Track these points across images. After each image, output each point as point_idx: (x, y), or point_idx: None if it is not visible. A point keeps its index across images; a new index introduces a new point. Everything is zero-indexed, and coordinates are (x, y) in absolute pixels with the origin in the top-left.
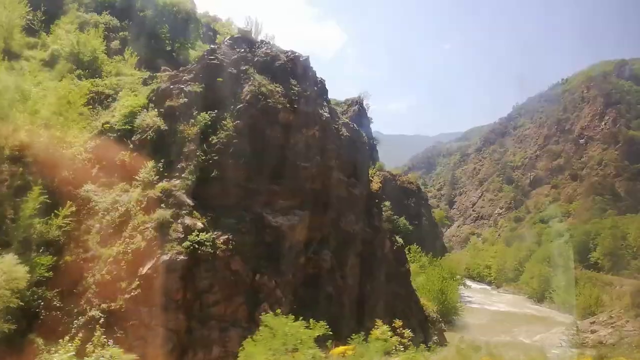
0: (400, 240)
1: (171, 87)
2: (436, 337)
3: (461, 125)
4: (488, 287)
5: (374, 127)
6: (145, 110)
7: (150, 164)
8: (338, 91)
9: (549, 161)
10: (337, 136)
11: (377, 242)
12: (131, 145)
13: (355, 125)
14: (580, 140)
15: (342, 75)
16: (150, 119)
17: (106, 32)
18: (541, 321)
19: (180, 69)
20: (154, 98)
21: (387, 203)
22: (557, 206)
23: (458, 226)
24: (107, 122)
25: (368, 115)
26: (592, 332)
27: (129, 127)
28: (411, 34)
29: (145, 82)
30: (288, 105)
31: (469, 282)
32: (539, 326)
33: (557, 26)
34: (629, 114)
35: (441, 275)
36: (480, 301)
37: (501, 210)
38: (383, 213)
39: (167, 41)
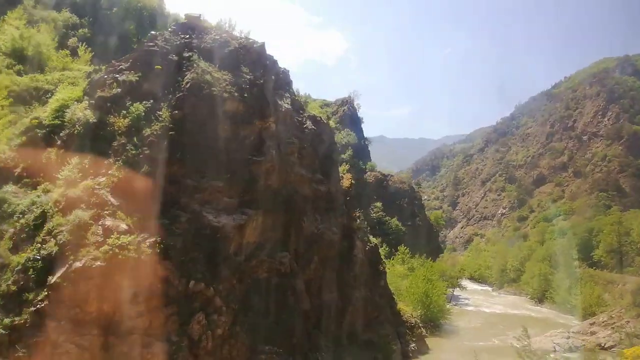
0: (374, 240)
1: (105, 77)
2: (414, 345)
3: (466, 127)
4: (489, 289)
5: (378, 131)
6: (77, 103)
7: (74, 160)
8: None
9: (552, 159)
10: (301, 130)
11: (347, 243)
12: (59, 142)
13: (338, 122)
14: (584, 137)
15: (345, 82)
16: (81, 112)
17: (64, 30)
18: (539, 323)
19: (121, 58)
20: (88, 90)
21: (379, 204)
22: (561, 204)
23: (462, 227)
24: (36, 118)
25: (359, 115)
26: (592, 333)
27: (59, 122)
28: (412, 39)
29: (89, 76)
30: (237, 94)
31: (470, 284)
32: (536, 328)
33: (560, 25)
34: (633, 109)
35: (426, 277)
36: (478, 303)
37: (504, 210)
38: (360, 212)
39: (133, 38)
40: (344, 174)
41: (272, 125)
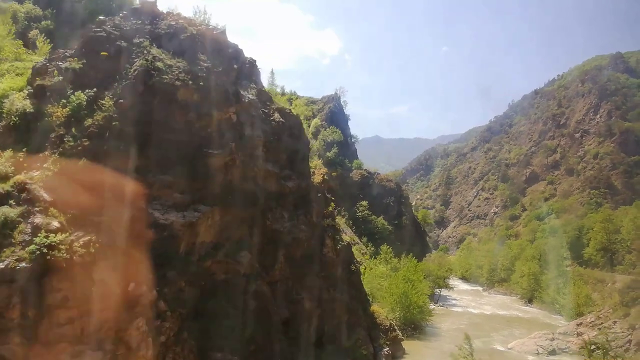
0: (346, 238)
1: (47, 64)
2: (388, 348)
3: (462, 127)
4: (480, 289)
5: (373, 132)
6: (18, 93)
7: (7, 153)
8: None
9: (544, 157)
10: (268, 122)
11: (315, 242)
12: None
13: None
14: (576, 135)
15: (339, 81)
16: (19, 101)
17: (26, 22)
18: (525, 324)
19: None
20: (29, 79)
21: (364, 203)
22: (553, 202)
23: (454, 227)
24: None
25: (345, 112)
26: (578, 334)
27: None
28: (409, 38)
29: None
30: (191, 83)
31: (461, 284)
32: (521, 329)
33: (555, 23)
34: (625, 106)
35: (406, 277)
36: (466, 304)
37: (497, 209)
38: (344, 210)
39: None
40: (316, 169)
41: (233, 117)
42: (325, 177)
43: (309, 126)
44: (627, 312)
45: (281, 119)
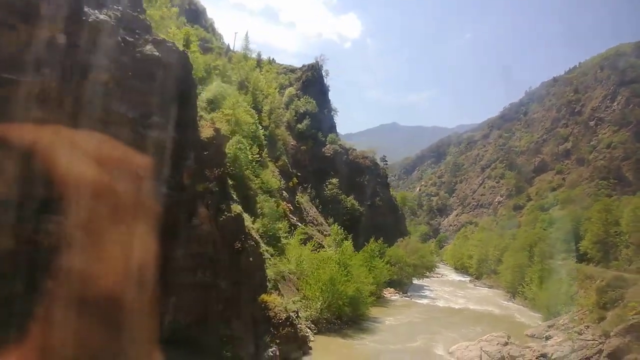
0: (238, 209)
1: None
2: (276, 348)
3: (480, 116)
4: (468, 279)
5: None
6: None
7: None
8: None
9: (555, 145)
10: (130, 54)
11: (183, 210)
12: None
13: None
14: (590, 123)
15: (361, 66)
16: None
17: None
18: (494, 322)
19: None
20: None
21: (335, 180)
22: (559, 192)
23: (456, 215)
24: None
25: (326, 82)
26: (547, 338)
27: None
28: (431, 23)
29: None
30: None
31: (452, 275)
32: (485, 327)
33: (578, 11)
34: None
35: (340, 261)
36: (438, 296)
37: (502, 198)
38: (311, 188)
39: None
40: (210, 120)
41: (60, 37)
42: (223, 133)
43: (283, 96)
44: (603, 316)
45: (155, 53)
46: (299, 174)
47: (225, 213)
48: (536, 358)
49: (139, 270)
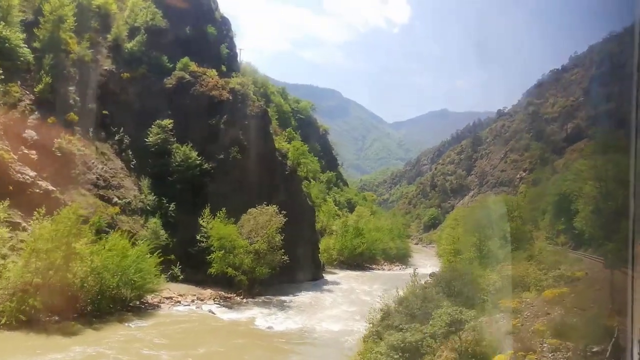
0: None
1: None
2: None
3: None
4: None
5: (441, 104)
6: None
7: None
8: (403, 70)
9: (592, 107)
10: None
11: None
12: None
13: None
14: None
15: (409, 52)
16: None
17: None
18: None
19: None
20: None
21: (166, 122)
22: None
23: (472, 196)
24: None
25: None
26: None
27: None
28: (482, 3)
29: None
30: None
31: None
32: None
33: None
34: None
35: None
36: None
37: (524, 174)
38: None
39: None
40: None
41: None
42: None
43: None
44: None
45: None
46: (105, 112)
47: None
48: None
49: None
